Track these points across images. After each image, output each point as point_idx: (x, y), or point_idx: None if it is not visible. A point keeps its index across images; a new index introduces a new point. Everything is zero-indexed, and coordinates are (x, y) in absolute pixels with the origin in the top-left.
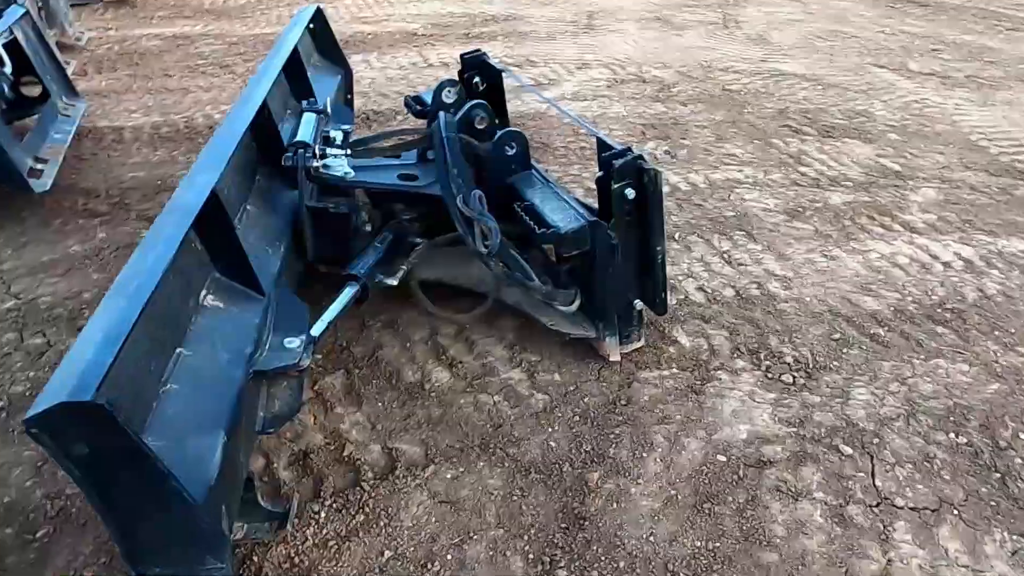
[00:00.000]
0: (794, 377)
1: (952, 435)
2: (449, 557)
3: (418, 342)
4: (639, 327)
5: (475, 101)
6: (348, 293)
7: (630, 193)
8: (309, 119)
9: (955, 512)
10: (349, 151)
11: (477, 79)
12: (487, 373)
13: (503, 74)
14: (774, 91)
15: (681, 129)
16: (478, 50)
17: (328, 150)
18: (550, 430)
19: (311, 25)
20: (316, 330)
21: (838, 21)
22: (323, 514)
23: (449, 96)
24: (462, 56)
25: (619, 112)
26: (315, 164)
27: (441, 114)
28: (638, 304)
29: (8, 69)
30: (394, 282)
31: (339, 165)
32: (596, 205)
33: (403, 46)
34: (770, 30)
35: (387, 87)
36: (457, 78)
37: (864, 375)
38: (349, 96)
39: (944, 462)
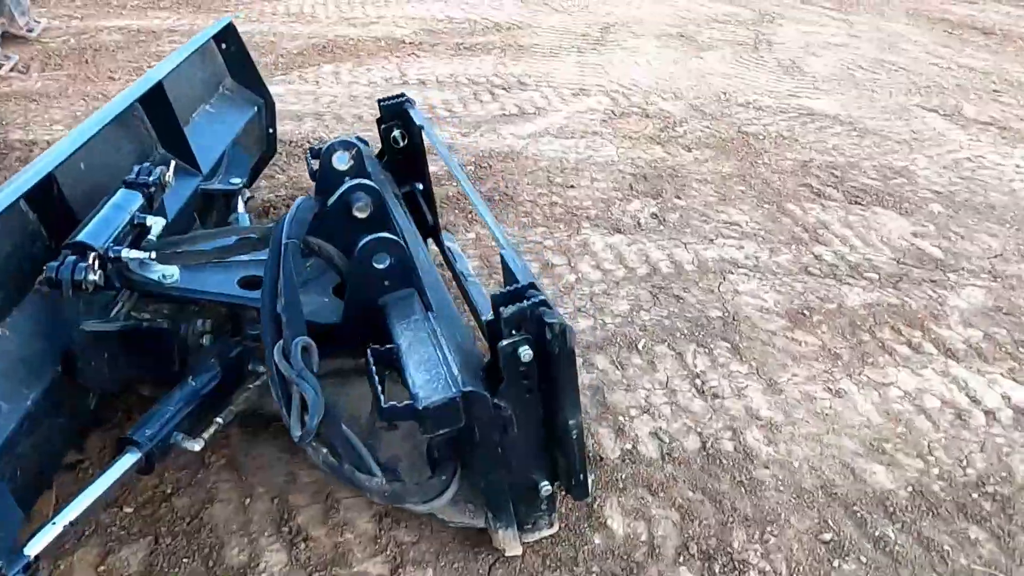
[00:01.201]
0: None
1: None
2: None
3: (262, 496)
4: (549, 512)
5: (356, 181)
6: (121, 465)
7: (526, 354)
8: (122, 201)
9: None
10: (153, 255)
11: (397, 133)
12: (337, 560)
13: (422, 131)
14: (799, 136)
15: (678, 183)
16: (401, 95)
17: (125, 252)
18: None
19: (222, 45)
20: (36, 545)
21: (886, 48)
22: None
23: (341, 162)
24: (379, 103)
25: (609, 156)
26: (130, 260)
27: (296, 203)
28: (545, 488)
29: None
30: (196, 447)
31: (160, 266)
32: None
33: (384, 56)
34: (806, 55)
35: (348, 108)
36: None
37: None
38: (271, 130)
39: None
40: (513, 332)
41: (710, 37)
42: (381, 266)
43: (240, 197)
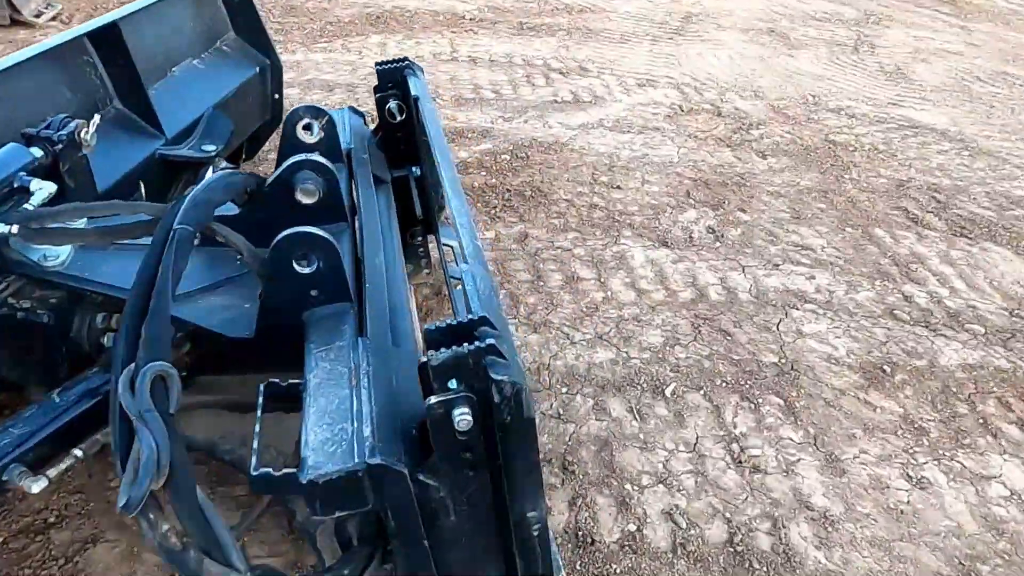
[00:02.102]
0: None
1: None
2: None
3: None
4: None
5: (302, 157)
6: None
7: (462, 420)
8: (5, 157)
9: None
10: (15, 228)
11: (394, 104)
12: None
13: (417, 103)
14: (897, 150)
15: (745, 194)
16: (403, 59)
17: None
18: None
19: None
20: None
21: (1009, 59)
22: None
23: (308, 133)
24: (377, 67)
25: (667, 156)
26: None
27: (207, 180)
28: None
29: None
30: (36, 487)
31: (47, 245)
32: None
33: (438, 31)
34: (914, 62)
35: None
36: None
37: None
38: (276, 96)
39: None
40: (448, 386)
41: (804, 35)
42: (305, 270)
43: (211, 168)
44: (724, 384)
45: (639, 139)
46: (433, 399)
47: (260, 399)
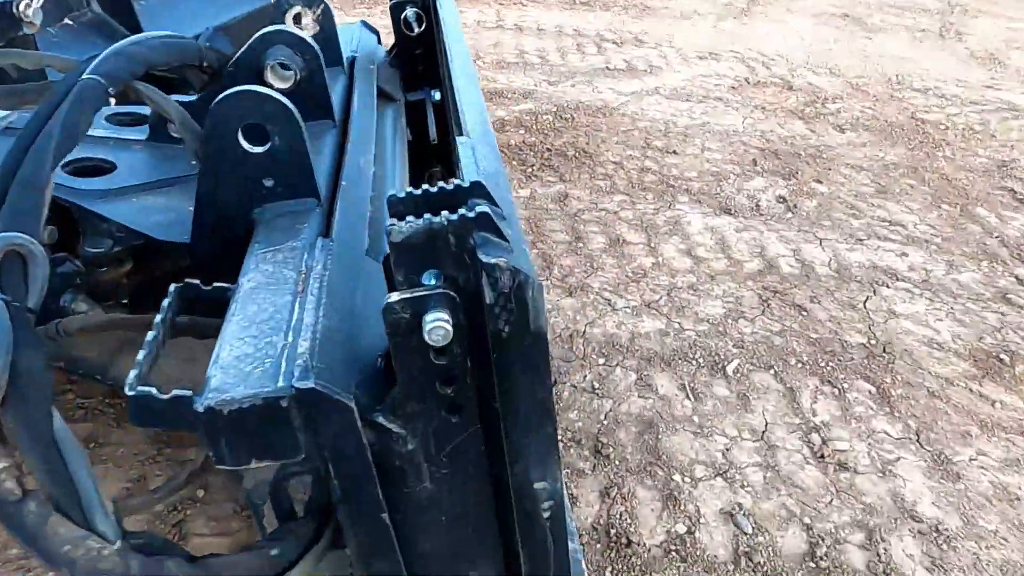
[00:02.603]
0: None
1: None
2: None
3: None
4: None
5: (278, 27)
6: None
7: (437, 330)
8: None
9: None
10: None
11: (411, 12)
12: None
13: (437, 10)
14: (996, 131)
15: (821, 166)
16: None
17: None
18: None
19: None
20: None
21: None
22: None
23: (300, 26)
24: None
25: (731, 125)
26: None
27: (141, 36)
28: None
29: None
30: None
31: None
32: None
33: (485, 3)
34: (1008, 48)
35: None
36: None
37: None
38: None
39: None
40: (413, 277)
41: (883, 20)
42: (255, 149)
43: None
44: (800, 364)
45: (699, 107)
46: (394, 296)
47: (167, 301)
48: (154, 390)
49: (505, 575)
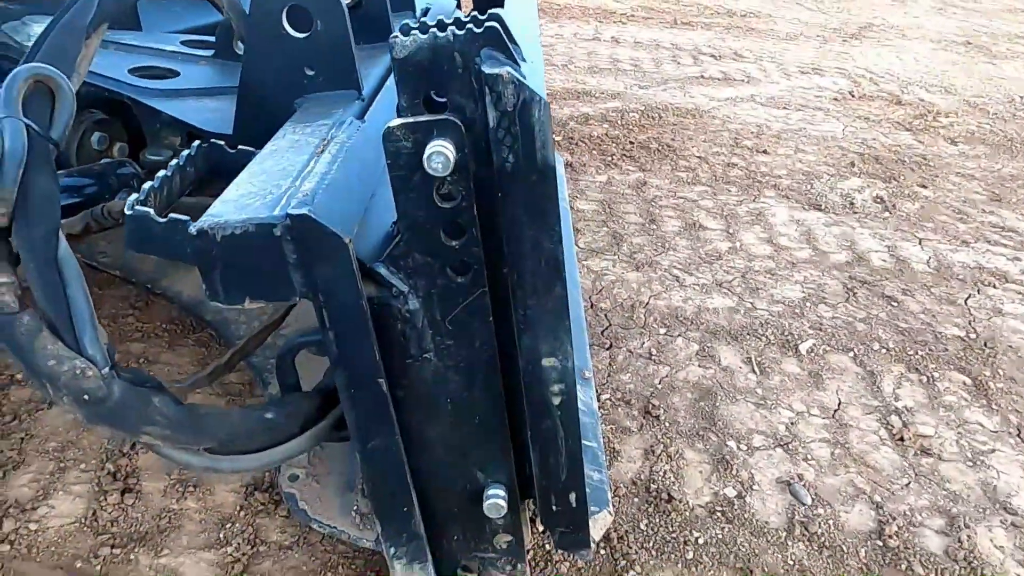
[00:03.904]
0: None
1: None
2: None
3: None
4: (508, 554)
5: None
6: None
7: (438, 158)
8: None
9: None
10: None
11: None
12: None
13: None
14: None
15: (927, 172)
16: None
17: None
18: None
19: None
20: None
21: None
22: None
23: None
24: None
25: (829, 131)
26: None
27: None
28: (495, 501)
29: None
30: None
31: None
32: None
33: (585, 20)
34: None
35: None
36: None
37: None
38: None
39: None
40: (417, 103)
41: (1009, 49)
42: (297, 35)
43: None
44: (884, 351)
45: (796, 115)
46: (395, 122)
47: (188, 152)
48: (151, 211)
49: (510, 475)
